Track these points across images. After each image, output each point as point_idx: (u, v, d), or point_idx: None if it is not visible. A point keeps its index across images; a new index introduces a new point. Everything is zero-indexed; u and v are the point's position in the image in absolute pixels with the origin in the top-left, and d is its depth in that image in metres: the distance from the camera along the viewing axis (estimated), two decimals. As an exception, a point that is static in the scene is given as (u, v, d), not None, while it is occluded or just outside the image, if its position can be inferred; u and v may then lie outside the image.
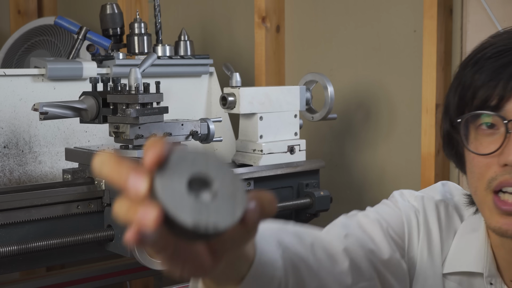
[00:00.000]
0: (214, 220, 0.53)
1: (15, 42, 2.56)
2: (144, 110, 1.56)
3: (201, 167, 0.55)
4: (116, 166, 0.55)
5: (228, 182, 0.55)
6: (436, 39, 1.87)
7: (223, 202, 0.54)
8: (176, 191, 0.53)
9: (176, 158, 0.54)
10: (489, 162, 0.92)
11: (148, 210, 0.52)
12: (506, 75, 0.90)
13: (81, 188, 1.57)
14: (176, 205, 0.52)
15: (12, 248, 1.42)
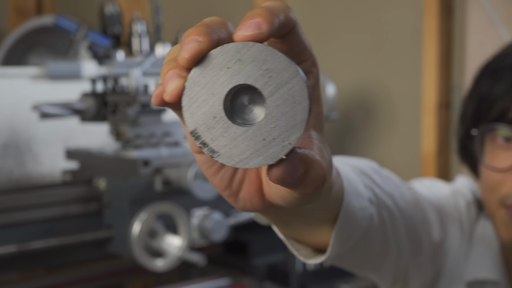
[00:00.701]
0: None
1: (14, 41, 2.56)
2: (144, 110, 1.56)
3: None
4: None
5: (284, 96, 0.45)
6: (436, 39, 1.87)
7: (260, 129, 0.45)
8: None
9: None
10: (504, 177, 0.88)
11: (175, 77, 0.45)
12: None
13: (81, 189, 1.56)
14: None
15: (11, 248, 1.41)
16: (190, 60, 0.45)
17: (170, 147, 1.61)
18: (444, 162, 1.91)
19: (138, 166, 1.53)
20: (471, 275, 0.95)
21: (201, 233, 1.60)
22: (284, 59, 0.44)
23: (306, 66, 0.50)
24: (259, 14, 0.45)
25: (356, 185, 0.68)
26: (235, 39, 0.45)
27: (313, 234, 0.63)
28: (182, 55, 0.45)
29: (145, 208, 1.51)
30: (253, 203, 0.53)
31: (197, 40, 0.46)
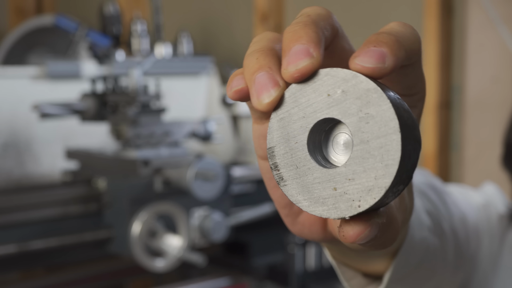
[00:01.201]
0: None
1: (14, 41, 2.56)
2: (144, 110, 1.56)
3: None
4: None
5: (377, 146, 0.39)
6: (436, 39, 1.87)
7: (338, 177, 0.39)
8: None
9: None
10: None
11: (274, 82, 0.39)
12: None
13: (81, 189, 1.56)
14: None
15: (11, 248, 1.41)
16: (299, 79, 0.38)
17: (170, 147, 1.61)
18: (444, 162, 1.91)
19: (138, 166, 1.53)
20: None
21: (201, 233, 1.60)
22: (389, 109, 0.37)
23: (413, 100, 0.45)
24: (386, 42, 0.38)
25: (418, 212, 0.62)
26: (350, 66, 0.39)
27: (369, 264, 0.58)
28: (291, 70, 0.38)
29: (145, 208, 1.51)
30: (312, 231, 0.48)
31: (309, 54, 0.38)
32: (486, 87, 1.82)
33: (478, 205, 0.91)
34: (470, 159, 1.84)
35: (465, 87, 1.85)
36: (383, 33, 0.39)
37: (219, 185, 1.54)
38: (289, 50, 0.38)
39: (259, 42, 0.42)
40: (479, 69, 1.82)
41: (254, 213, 1.71)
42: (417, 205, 0.63)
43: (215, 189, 1.53)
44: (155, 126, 1.59)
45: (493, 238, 0.91)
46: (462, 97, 1.86)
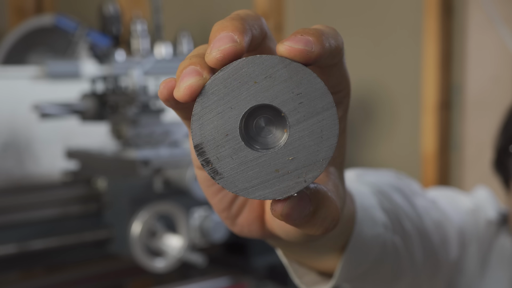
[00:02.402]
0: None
1: (14, 41, 2.56)
2: (144, 110, 1.56)
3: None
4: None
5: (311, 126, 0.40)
6: (436, 39, 1.87)
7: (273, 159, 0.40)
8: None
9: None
10: None
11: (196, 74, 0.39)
12: None
13: (81, 189, 1.56)
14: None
15: (11, 248, 1.41)
16: (222, 61, 0.39)
17: (170, 147, 1.61)
18: (444, 162, 1.91)
19: (138, 166, 1.53)
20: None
21: (201, 233, 1.60)
22: (321, 87, 0.39)
23: (339, 97, 0.46)
24: (312, 33, 0.40)
25: (372, 211, 0.62)
26: (278, 50, 0.39)
27: (319, 261, 0.59)
28: (213, 54, 0.39)
29: (145, 208, 1.50)
30: (251, 230, 0.50)
31: (233, 39, 0.39)
32: (486, 87, 1.82)
33: (466, 210, 0.91)
34: (470, 159, 1.84)
35: (465, 87, 1.85)
36: (309, 28, 0.41)
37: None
38: (214, 38, 0.40)
39: (195, 50, 0.43)
40: (479, 69, 1.82)
41: (254, 213, 1.71)
42: (370, 202, 0.63)
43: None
44: (155, 126, 1.59)
45: (481, 244, 0.91)
46: (462, 97, 1.86)
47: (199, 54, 0.41)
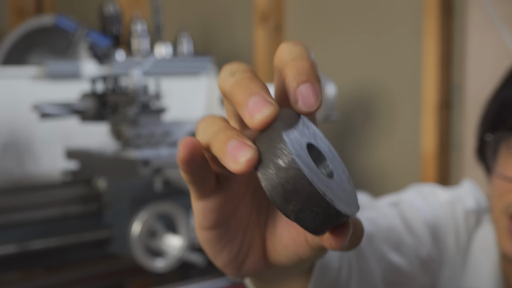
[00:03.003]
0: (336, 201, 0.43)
1: (14, 41, 2.56)
2: (144, 110, 1.56)
3: (318, 140, 0.45)
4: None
5: (341, 172, 0.47)
6: (436, 39, 1.87)
7: (339, 188, 0.45)
8: (299, 145, 0.42)
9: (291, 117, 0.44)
10: (511, 186, 0.86)
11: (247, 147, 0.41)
12: None
13: (81, 189, 1.56)
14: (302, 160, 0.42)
15: (11, 248, 1.41)
16: (266, 124, 0.42)
17: (170, 147, 1.61)
18: (444, 162, 1.91)
19: (138, 166, 1.53)
20: (468, 286, 0.94)
21: (201, 233, 1.60)
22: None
23: None
24: (307, 73, 0.44)
25: None
26: (296, 110, 0.44)
27: (290, 285, 0.60)
28: (257, 117, 0.41)
29: (145, 208, 1.51)
30: (257, 269, 0.52)
31: (270, 103, 0.42)
32: (486, 87, 1.82)
33: (442, 204, 0.94)
34: (470, 159, 1.84)
35: (465, 87, 1.85)
36: (296, 62, 0.44)
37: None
38: (246, 103, 0.42)
39: (212, 123, 0.44)
40: (479, 69, 1.82)
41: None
42: None
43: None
44: (155, 126, 1.59)
45: (458, 234, 0.94)
46: (462, 97, 1.86)
47: (225, 126, 0.43)
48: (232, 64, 0.46)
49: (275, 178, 0.41)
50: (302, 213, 0.42)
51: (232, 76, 0.44)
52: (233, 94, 0.43)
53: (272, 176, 0.41)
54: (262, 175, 0.42)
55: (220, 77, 0.46)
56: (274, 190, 0.42)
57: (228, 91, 0.44)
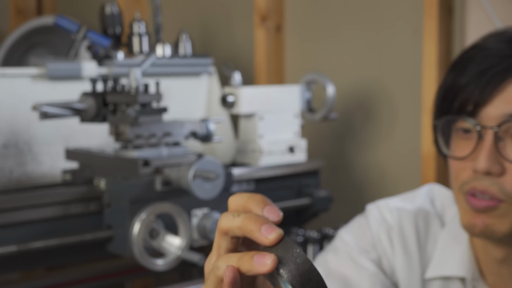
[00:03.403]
0: None
1: (15, 41, 2.56)
2: (144, 110, 1.56)
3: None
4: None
5: None
6: (436, 39, 1.87)
7: None
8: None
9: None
10: (463, 165, 0.94)
11: (265, 257, 0.61)
12: (484, 81, 0.91)
13: (81, 189, 1.56)
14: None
15: (11, 248, 1.41)
16: (277, 240, 0.62)
17: (170, 147, 1.61)
18: (444, 162, 1.91)
19: (138, 166, 1.53)
20: (434, 273, 1.03)
21: (201, 233, 1.60)
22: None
23: None
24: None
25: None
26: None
27: None
28: (272, 235, 0.62)
29: (145, 208, 1.51)
30: None
31: (276, 229, 0.63)
32: (486, 87, 1.82)
33: (377, 225, 1.07)
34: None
35: (465, 87, 1.85)
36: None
37: (219, 185, 1.54)
38: (259, 229, 0.62)
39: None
40: (479, 69, 1.82)
41: (254, 213, 1.71)
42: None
43: (215, 189, 1.53)
44: (155, 126, 1.59)
45: (407, 242, 1.05)
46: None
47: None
48: (231, 204, 0.65)
49: (295, 271, 0.61)
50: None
51: (238, 216, 0.62)
52: (245, 227, 0.62)
53: (293, 270, 0.61)
54: (284, 271, 0.61)
55: (224, 219, 0.63)
56: (295, 279, 0.61)
57: (238, 226, 0.62)
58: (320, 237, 1.73)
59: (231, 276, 0.62)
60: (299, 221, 1.95)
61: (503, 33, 0.95)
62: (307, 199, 1.90)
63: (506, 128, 0.91)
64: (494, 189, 0.91)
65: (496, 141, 0.91)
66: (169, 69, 2.00)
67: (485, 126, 0.91)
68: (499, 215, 0.92)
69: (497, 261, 0.98)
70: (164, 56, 2.01)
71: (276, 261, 0.61)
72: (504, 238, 0.94)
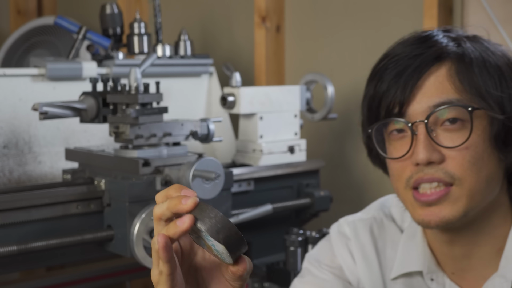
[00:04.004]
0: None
1: (15, 42, 2.56)
2: (144, 110, 1.56)
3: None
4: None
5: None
6: (436, 39, 1.86)
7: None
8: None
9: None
10: (404, 163, 1.00)
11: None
12: (402, 82, 0.99)
13: (81, 188, 1.56)
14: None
15: (12, 248, 1.41)
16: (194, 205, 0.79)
17: (170, 147, 1.61)
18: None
19: (138, 166, 1.53)
20: (396, 272, 1.10)
21: (201, 233, 1.60)
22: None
23: None
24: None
25: None
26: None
27: None
28: (188, 202, 0.78)
29: (145, 208, 1.51)
30: None
31: (194, 200, 0.79)
32: (486, 87, 1.82)
33: (333, 245, 1.19)
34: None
35: (465, 87, 1.85)
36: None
37: (219, 185, 1.54)
38: (180, 201, 0.79)
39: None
40: (479, 69, 1.82)
41: (254, 213, 1.71)
42: None
43: (215, 189, 1.53)
44: (155, 126, 1.59)
45: (365, 251, 1.14)
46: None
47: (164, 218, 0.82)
48: (158, 198, 0.82)
49: (209, 222, 0.77)
50: (227, 238, 0.77)
51: (164, 202, 0.80)
52: (170, 205, 0.78)
53: (207, 222, 0.77)
54: (201, 223, 0.77)
55: (156, 208, 0.80)
56: (211, 229, 0.77)
57: (166, 208, 0.79)
58: (320, 237, 1.73)
59: (162, 241, 0.77)
60: (299, 221, 1.95)
61: (406, 40, 1.07)
62: (307, 199, 1.90)
63: (434, 119, 0.98)
64: (440, 174, 0.97)
65: (429, 132, 0.98)
66: (169, 69, 2.01)
67: (416, 121, 0.98)
68: (452, 201, 0.98)
69: (446, 244, 1.05)
70: (164, 56, 2.01)
71: (192, 218, 0.77)
72: (459, 222, 1.00)
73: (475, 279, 1.05)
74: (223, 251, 0.77)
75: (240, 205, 1.77)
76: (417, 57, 1.01)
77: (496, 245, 1.04)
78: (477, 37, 1.05)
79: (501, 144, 0.99)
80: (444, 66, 1.00)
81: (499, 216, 1.04)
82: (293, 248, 1.75)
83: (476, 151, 0.98)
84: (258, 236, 1.86)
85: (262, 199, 1.83)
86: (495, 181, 1.01)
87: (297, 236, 1.75)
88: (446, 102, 0.98)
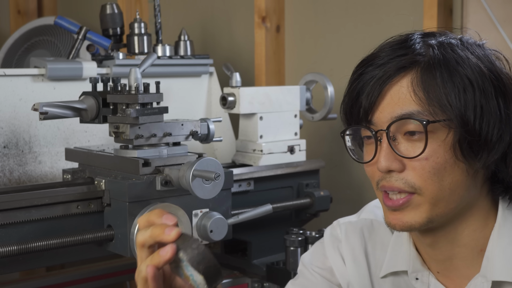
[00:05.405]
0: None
1: (15, 42, 2.56)
2: (144, 110, 1.56)
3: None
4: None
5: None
6: (436, 39, 1.87)
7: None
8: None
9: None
10: (373, 167, 1.04)
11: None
12: (366, 92, 1.03)
13: (81, 188, 1.56)
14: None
15: (12, 248, 1.42)
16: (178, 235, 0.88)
17: (170, 147, 1.61)
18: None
19: (139, 166, 1.53)
20: (385, 271, 1.14)
21: (201, 233, 1.60)
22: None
23: None
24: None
25: None
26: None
27: None
28: (173, 233, 0.88)
29: (145, 208, 1.51)
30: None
31: (178, 231, 0.87)
32: (486, 87, 1.82)
33: (330, 252, 1.22)
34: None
35: (465, 87, 1.85)
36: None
37: (219, 185, 1.54)
38: (163, 231, 0.88)
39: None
40: (479, 69, 1.82)
41: (254, 213, 1.71)
42: None
43: (215, 189, 1.53)
44: (156, 126, 1.59)
45: (355, 252, 1.17)
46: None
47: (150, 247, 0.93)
48: (140, 224, 0.91)
49: (191, 253, 0.83)
50: (207, 269, 0.83)
51: (147, 230, 0.89)
52: (153, 234, 0.87)
53: (189, 252, 0.83)
54: (183, 253, 0.84)
55: (139, 235, 0.89)
56: (192, 260, 0.83)
57: (149, 236, 0.88)
58: (320, 237, 1.73)
59: (151, 272, 0.87)
60: (299, 221, 1.95)
61: (383, 46, 1.10)
62: (307, 199, 1.90)
63: (396, 128, 1.00)
64: (399, 184, 1.00)
65: (390, 142, 1.00)
66: (169, 69, 2.01)
67: (378, 130, 1.01)
68: (414, 207, 1.01)
69: (429, 247, 1.08)
70: (164, 56, 2.01)
71: (174, 248, 0.84)
72: (424, 227, 1.03)
73: (459, 279, 1.07)
74: (201, 281, 0.83)
75: (240, 205, 1.77)
76: (384, 66, 1.03)
77: (477, 247, 1.05)
78: (453, 44, 1.03)
79: (465, 153, 0.99)
80: (408, 75, 1.01)
81: (477, 219, 1.05)
82: (293, 248, 1.75)
83: (437, 162, 0.99)
84: (258, 236, 1.87)
85: (262, 199, 1.83)
86: (462, 188, 1.01)
87: (297, 236, 1.75)
88: (405, 114, 0.99)
